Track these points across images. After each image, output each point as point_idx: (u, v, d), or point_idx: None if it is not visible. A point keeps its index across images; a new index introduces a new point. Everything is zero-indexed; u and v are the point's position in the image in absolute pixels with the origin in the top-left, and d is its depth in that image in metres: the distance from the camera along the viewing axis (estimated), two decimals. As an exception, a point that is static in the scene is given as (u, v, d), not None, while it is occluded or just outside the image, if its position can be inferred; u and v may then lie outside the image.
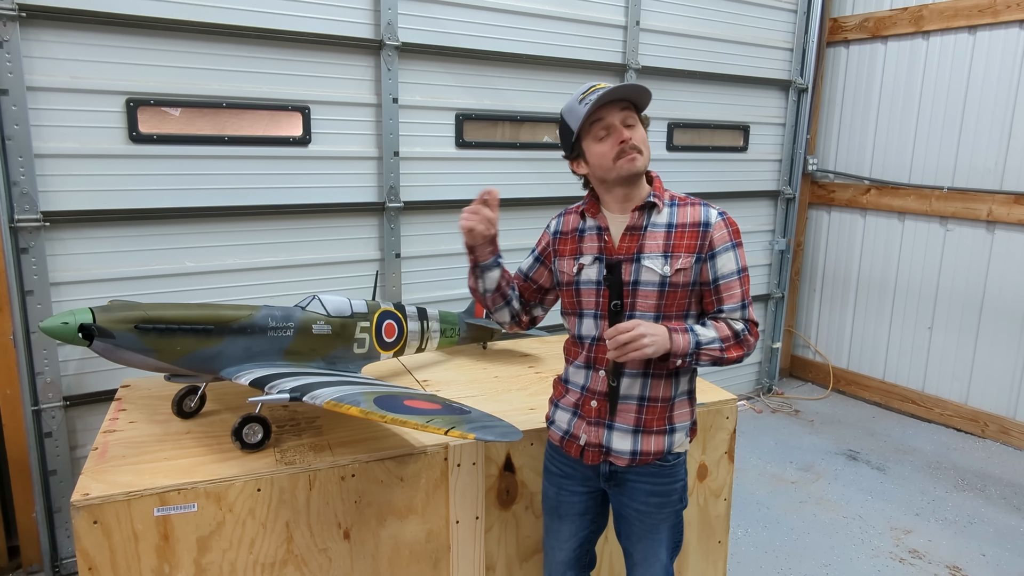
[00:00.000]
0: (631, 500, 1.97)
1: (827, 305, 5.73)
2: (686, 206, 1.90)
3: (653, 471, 1.94)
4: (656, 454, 1.92)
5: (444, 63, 3.70)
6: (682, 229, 1.86)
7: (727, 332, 1.84)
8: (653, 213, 1.89)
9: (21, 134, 2.73)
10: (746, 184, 5.18)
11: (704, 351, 1.81)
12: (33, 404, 2.91)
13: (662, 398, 1.91)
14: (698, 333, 1.81)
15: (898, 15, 5.01)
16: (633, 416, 1.90)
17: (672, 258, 1.84)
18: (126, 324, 1.97)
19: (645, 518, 1.97)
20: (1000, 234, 4.62)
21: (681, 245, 1.85)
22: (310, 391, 1.94)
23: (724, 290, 1.86)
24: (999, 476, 4.24)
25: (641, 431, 1.91)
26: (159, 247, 3.11)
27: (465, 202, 4.32)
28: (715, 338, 1.83)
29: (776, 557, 3.36)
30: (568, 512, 2.06)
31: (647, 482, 1.94)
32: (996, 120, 4.57)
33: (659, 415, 1.91)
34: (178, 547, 1.89)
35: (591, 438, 1.94)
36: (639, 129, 1.88)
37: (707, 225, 1.86)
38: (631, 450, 1.91)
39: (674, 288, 1.85)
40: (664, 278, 1.84)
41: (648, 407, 1.90)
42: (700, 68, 4.65)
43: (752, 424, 4.96)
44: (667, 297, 1.85)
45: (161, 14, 2.94)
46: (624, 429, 1.91)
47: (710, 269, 1.86)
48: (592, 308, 1.92)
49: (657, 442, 1.91)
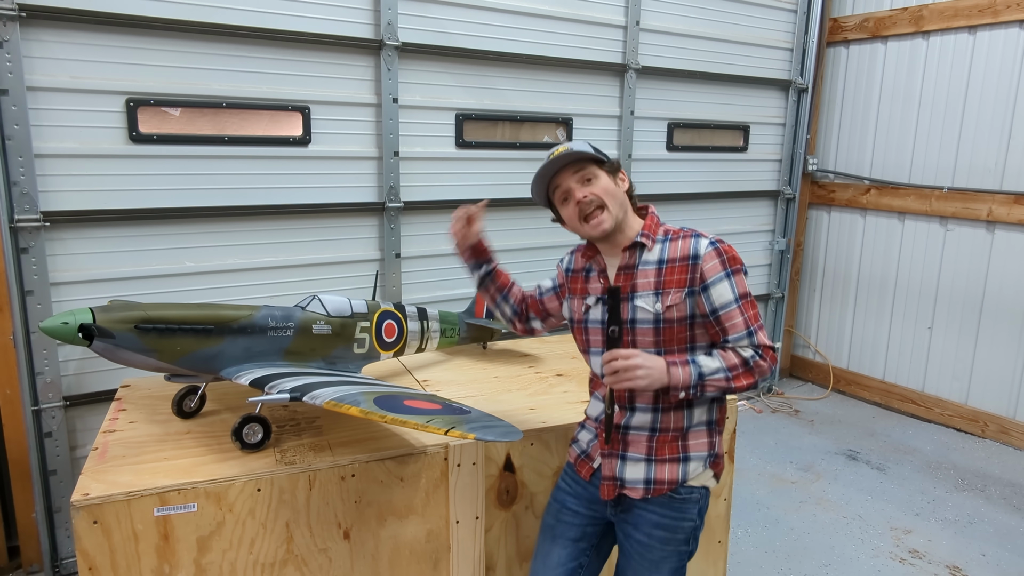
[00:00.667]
0: (635, 530, 1.91)
1: (827, 305, 5.73)
2: (677, 239, 1.87)
3: (663, 501, 1.89)
4: (670, 483, 1.87)
5: (444, 63, 3.70)
6: (672, 264, 1.84)
7: (734, 361, 1.79)
8: (643, 251, 1.88)
9: (21, 134, 2.73)
10: (746, 184, 5.18)
11: (709, 382, 1.77)
12: (33, 404, 2.91)
13: (674, 428, 1.89)
14: (701, 365, 1.78)
15: (898, 15, 5.01)
16: (645, 445, 1.89)
17: (663, 295, 1.82)
18: (126, 324, 1.97)
19: (647, 552, 1.90)
20: (1000, 234, 4.62)
21: (672, 281, 1.83)
22: (310, 391, 1.94)
23: (725, 320, 1.81)
24: (999, 476, 4.24)
25: (654, 460, 1.88)
26: (159, 247, 3.11)
27: (466, 202, 4.33)
28: (720, 368, 1.78)
29: (776, 557, 3.36)
30: (563, 534, 2.01)
31: (655, 512, 1.89)
32: (996, 120, 4.57)
33: (671, 443, 1.88)
34: (178, 547, 1.89)
35: (606, 470, 1.92)
36: (599, 182, 1.87)
37: (696, 258, 1.81)
38: (644, 479, 1.87)
39: (669, 324, 1.83)
40: (658, 315, 1.82)
41: (659, 436, 1.88)
42: (700, 68, 4.65)
43: (752, 424, 4.96)
44: (664, 333, 1.83)
45: (161, 14, 2.94)
46: (636, 458, 1.89)
47: (705, 301, 1.82)
48: (599, 347, 1.93)
49: (671, 470, 1.87)
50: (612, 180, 1.89)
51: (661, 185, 4.67)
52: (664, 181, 4.69)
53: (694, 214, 4.89)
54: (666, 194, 4.69)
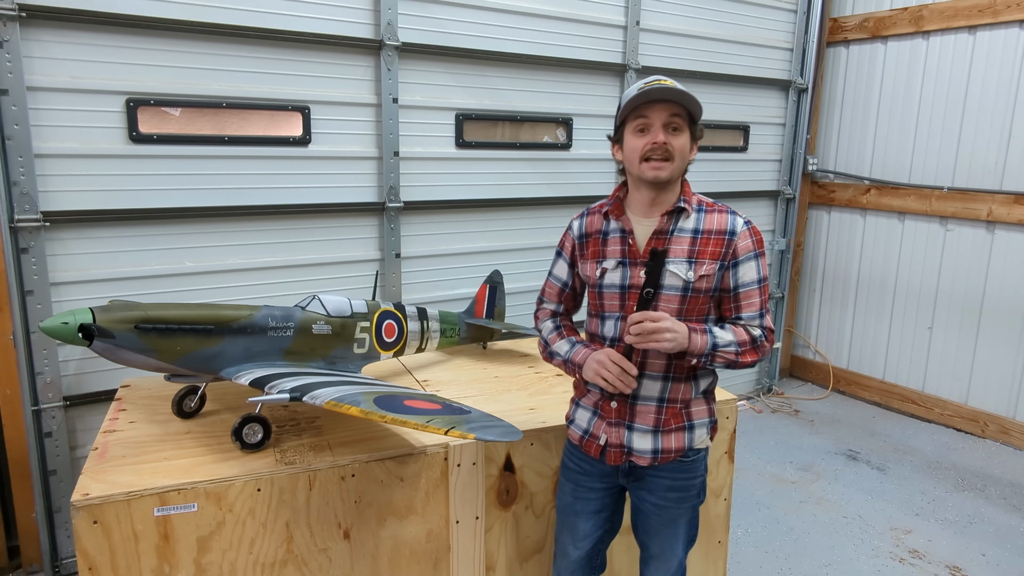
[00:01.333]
0: (649, 494, 1.99)
1: (827, 305, 5.73)
2: (713, 212, 1.90)
3: (673, 467, 1.96)
4: (677, 451, 1.94)
5: (444, 63, 3.70)
6: (708, 236, 1.87)
7: (744, 337, 1.86)
8: (681, 218, 1.89)
9: (21, 134, 2.73)
10: (746, 184, 5.18)
11: (720, 353, 1.83)
12: (33, 404, 2.91)
13: (681, 399, 1.94)
14: (716, 335, 1.84)
15: (898, 15, 5.01)
16: (652, 417, 1.93)
17: (696, 264, 1.85)
18: (126, 324, 1.97)
19: (663, 512, 1.99)
20: (1000, 234, 4.62)
21: (706, 252, 1.86)
22: (310, 391, 1.94)
23: (744, 298, 1.89)
24: (999, 476, 4.24)
25: (660, 431, 1.93)
26: (159, 247, 3.11)
27: (465, 202, 4.32)
28: (732, 341, 1.84)
29: (776, 557, 3.36)
30: (584, 509, 2.07)
31: (667, 477, 1.96)
32: (996, 120, 4.57)
33: (676, 414, 1.94)
34: (178, 547, 1.89)
35: (612, 439, 1.96)
36: (681, 136, 1.85)
37: (733, 234, 1.86)
38: (652, 448, 1.93)
39: (696, 294, 1.86)
40: (688, 283, 1.85)
41: (668, 407, 1.93)
42: (700, 68, 4.65)
43: (752, 424, 4.96)
44: (689, 302, 1.86)
45: (161, 14, 2.94)
46: (644, 429, 1.93)
47: (732, 277, 1.88)
48: (615, 311, 1.93)
49: (678, 439, 1.94)
50: (690, 143, 1.88)
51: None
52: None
53: (694, 214, 4.87)
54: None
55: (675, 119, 1.84)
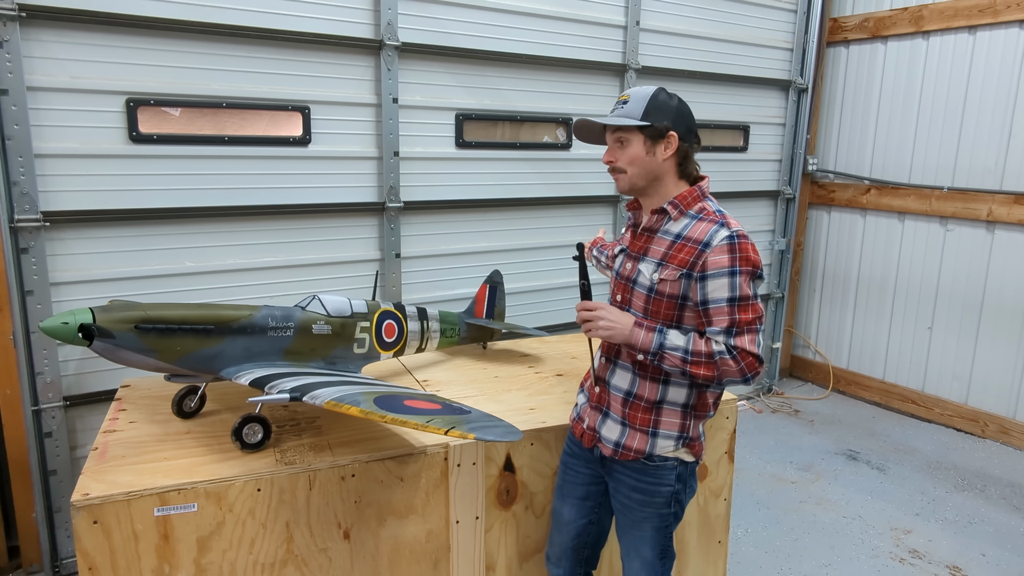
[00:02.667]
0: (616, 491, 2.06)
1: (827, 305, 5.73)
2: (703, 221, 1.85)
3: (637, 467, 1.99)
4: (637, 452, 1.96)
5: (444, 63, 3.70)
6: (684, 243, 1.85)
7: (700, 348, 1.77)
8: (668, 220, 1.92)
9: (21, 134, 2.73)
10: (746, 184, 5.18)
11: (667, 355, 1.79)
12: (33, 404, 2.91)
13: (646, 399, 1.95)
14: (666, 336, 1.80)
15: (898, 15, 5.01)
16: (619, 408, 1.99)
17: (662, 267, 1.87)
18: (126, 324, 1.97)
19: (628, 512, 2.04)
20: (1000, 234, 4.62)
21: (676, 258, 1.84)
22: (310, 391, 1.94)
23: (712, 314, 1.79)
24: (999, 476, 4.24)
25: (627, 425, 1.98)
26: (159, 247, 3.11)
27: (465, 202, 4.33)
28: (681, 347, 1.78)
29: (776, 557, 3.36)
30: (570, 494, 2.16)
31: (630, 477, 2.00)
32: (996, 120, 4.57)
33: (642, 414, 1.96)
34: (178, 547, 1.89)
35: (589, 421, 2.07)
36: (629, 148, 1.90)
37: (707, 245, 1.79)
38: (615, 441, 1.99)
39: (659, 296, 1.87)
40: (652, 284, 1.89)
41: (632, 403, 1.97)
42: (700, 68, 4.65)
43: (752, 424, 4.96)
44: (653, 303, 1.90)
45: (161, 14, 2.94)
46: (614, 419, 2.00)
47: (699, 290, 1.80)
48: (610, 296, 2.07)
49: (640, 440, 1.96)
50: (646, 147, 1.87)
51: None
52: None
53: (694, 214, 4.88)
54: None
55: (618, 134, 1.93)
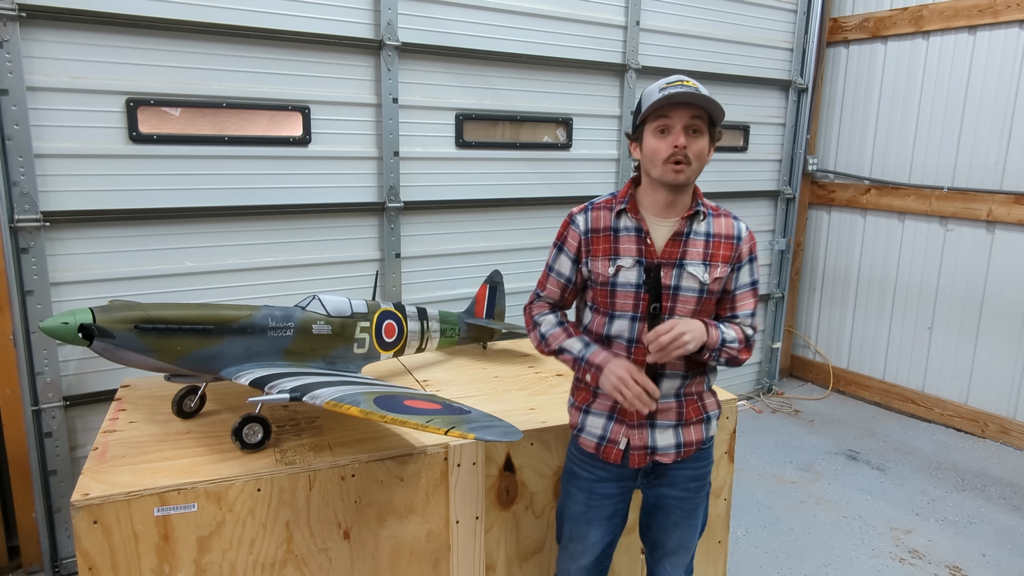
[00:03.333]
0: (671, 488, 2.04)
1: (827, 305, 5.73)
2: (720, 217, 1.98)
3: (693, 456, 2.02)
4: (698, 443, 2.01)
5: (444, 63, 3.70)
6: (719, 240, 1.94)
7: (742, 335, 1.95)
8: (695, 221, 1.93)
9: (21, 134, 2.73)
10: (746, 184, 5.18)
11: (726, 348, 1.91)
12: (33, 404, 2.91)
13: (696, 392, 2.01)
14: (723, 331, 1.91)
15: (898, 15, 5.01)
16: (674, 412, 1.98)
17: (711, 267, 1.92)
18: (126, 324, 1.97)
19: (684, 504, 2.05)
20: (1000, 234, 4.62)
21: (718, 255, 1.93)
22: (310, 391, 1.94)
23: (740, 299, 1.98)
24: (999, 476, 4.24)
25: (682, 424, 1.98)
26: (159, 247, 3.11)
27: (465, 202, 4.31)
28: (735, 338, 1.93)
29: (776, 557, 3.36)
30: (597, 517, 2.06)
31: (688, 468, 2.03)
32: (996, 120, 4.57)
33: (695, 407, 2.00)
34: (178, 547, 1.89)
35: (635, 441, 1.96)
36: (701, 140, 1.84)
37: (739, 239, 1.96)
38: (675, 444, 1.98)
39: (710, 295, 1.94)
40: (704, 285, 1.91)
41: (687, 401, 1.99)
42: (700, 68, 4.64)
43: (752, 424, 4.95)
44: (703, 303, 1.93)
45: (161, 14, 2.94)
46: (666, 425, 1.98)
47: (734, 279, 1.97)
48: (629, 311, 1.91)
49: (697, 431, 2.01)
50: (709, 145, 1.89)
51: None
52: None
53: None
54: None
55: (696, 121, 1.82)
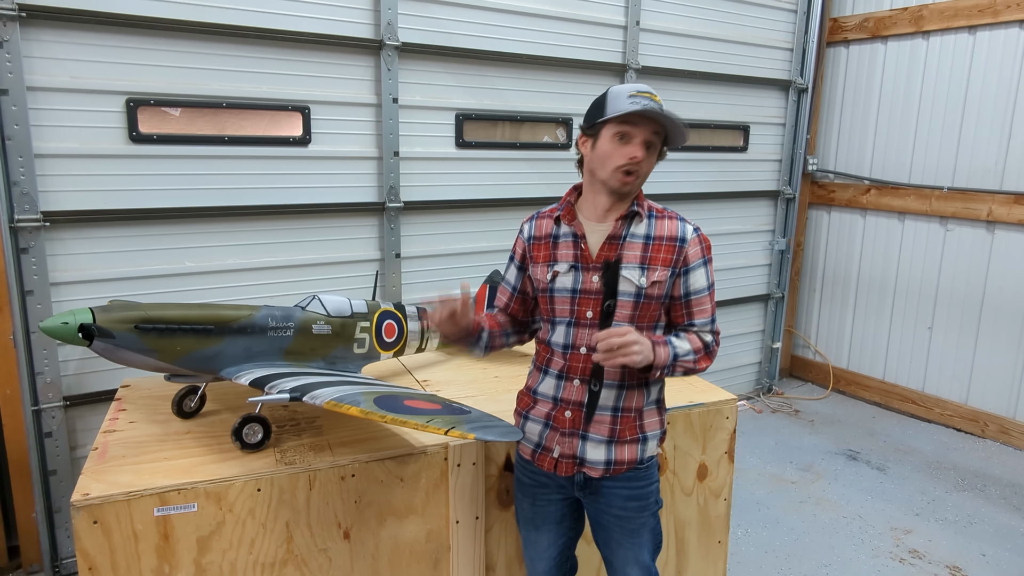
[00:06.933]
0: (608, 507, 1.94)
1: (827, 305, 5.73)
2: (663, 219, 1.90)
3: (628, 476, 1.92)
4: (629, 463, 1.91)
5: (444, 63, 3.70)
6: (659, 242, 1.86)
7: (698, 344, 1.87)
8: (633, 223, 1.88)
9: (21, 134, 2.73)
10: (746, 184, 5.18)
11: (680, 363, 1.83)
12: (33, 404, 2.91)
13: (635, 408, 1.91)
14: (675, 345, 1.82)
15: (898, 15, 5.01)
16: (607, 427, 1.89)
17: (648, 270, 1.84)
18: (126, 324, 1.97)
19: (625, 523, 1.95)
20: (1000, 234, 4.62)
21: (658, 258, 1.85)
22: (310, 391, 1.94)
23: (695, 305, 1.89)
24: (999, 476, 4.24)
25: (615, 441, 1.89)
26: (159, 247, 3.11)
27: (465, 202, 4.32)
28: (689, 350, 1.85)
29: (776, 557, 3.36)
30: (545, 522, 2.03)
31: (623, 487, 1.92)
32: (996, 120, 4.57)
33: (631, 425, 1.91)
34: (178, 547, 1.89)
35: (564, 449, 1.91)
36: (652, 156, 1.86)
37: (683, 241, 1.86)
38: (605, 460, 1.89)
39: (648, 300, 1.85)
40: (640, 289, 1.84)
41: (622, 417, 1.90)
42: (700, 68, 4.65)
43: (752, 424, 4.96)
44: (641, 308, 1.85)
45: (161, 14, 2.94)
46: (598, 439, 1.89)
47: (682, 284, 1.88)
48: (566, 316, 1.90)
49: (631, 451, 1.90)
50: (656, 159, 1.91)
51: (661, 185, 4.67)
52: (664, 181, 4.68)
53: (694, 214, 4.86)
54: (666, 194, 4.68)
55: (655, 138, 1.84)
